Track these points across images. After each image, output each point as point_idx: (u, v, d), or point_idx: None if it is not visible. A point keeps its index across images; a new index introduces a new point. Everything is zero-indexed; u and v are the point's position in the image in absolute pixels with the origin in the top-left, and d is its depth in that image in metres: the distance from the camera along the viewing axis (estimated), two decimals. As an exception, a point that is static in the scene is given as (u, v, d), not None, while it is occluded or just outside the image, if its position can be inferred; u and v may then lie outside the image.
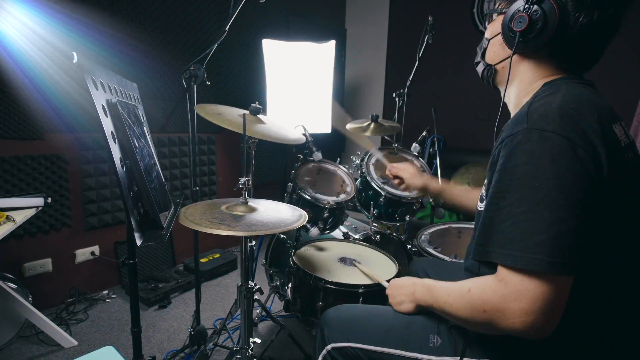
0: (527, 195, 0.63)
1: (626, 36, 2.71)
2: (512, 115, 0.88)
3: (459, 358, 0.79)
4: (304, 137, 1.67)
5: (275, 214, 1.17)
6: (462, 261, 1.24)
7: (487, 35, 0.88)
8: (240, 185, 1.18)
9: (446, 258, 1.48)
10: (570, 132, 0.63)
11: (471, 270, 0.85)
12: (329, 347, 0.93)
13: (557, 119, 0.64)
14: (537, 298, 0.60)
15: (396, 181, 1.47)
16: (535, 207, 0.62)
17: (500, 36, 0.82)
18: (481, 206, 0.83)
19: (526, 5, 0.73)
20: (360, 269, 1.36)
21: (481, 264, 0.70)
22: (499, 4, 0.84)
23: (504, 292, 0.64)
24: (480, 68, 0.91)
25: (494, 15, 0.85)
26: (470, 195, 1.26)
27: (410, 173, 1.40)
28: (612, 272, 0.70)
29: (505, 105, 0.85)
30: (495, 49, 0.86)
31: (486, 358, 0.77)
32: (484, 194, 0.81)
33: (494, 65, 0.87)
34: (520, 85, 0.83)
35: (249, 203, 1.19)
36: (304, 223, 1.14)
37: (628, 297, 0.72)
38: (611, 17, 0.71)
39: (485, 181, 0.81)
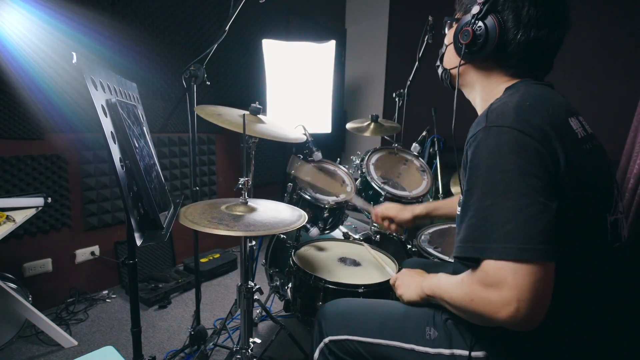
0: (491, 188, 0.65)
1: (626, 36, 2.72)
2: None
3: (454, 350, 0.80)
4: (304, 137, 1.67)
5: (275, 214, 1.17)
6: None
7: (445, 41, 0.93)
8: (240, 186, 1.18)
9: (446, 258, 1.48)
10: (525, 126, 0.66)
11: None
12: (326, 340, 0.94)
13: (512, 115, 0.68)
14: (515, 285, 0.61)
15: (386, 223, 1.39)
16: (500, 198, 0.64)
17: (452, 45, 0.88)
18: (459, 210, 0.84)
19: (472, 20, 0.79)
20: (367, 250, 1.39)
21: (463, 261, 0.71)
22: (457, 13, 0.89)
23: (485, 281, 0.65)
24: (439, 71, 0.97)
25: (453, 23, 0.90)
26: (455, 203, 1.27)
27: (396, 210, 1.34)
28: (584, 265, 0.71)
29: (458, 104, 0.88)
30: (450, 55, 0.91)
31: (482, 351, 0.78)
32: (462, 197, 0.83)
33: (449, 70, 0.92)
34: (484, 90, 0.87)
35: (249, 203, 1.19)
36: (304, 223, 1.14)
37: (602, 287, 0.73)
38: (545, 37, 0.77)
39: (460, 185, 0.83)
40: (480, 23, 0.78)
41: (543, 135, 0.66)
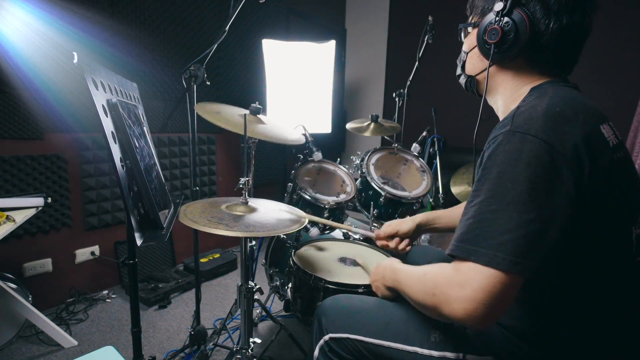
0: (499, 194, 0.64)
1: (626, 36, 2.72)
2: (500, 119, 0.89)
3: (460, 354, 0.79)
4: (304, 137, 1.67)
5: (275, 214, 1.17)
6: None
7: (464, 48, 0.90)
8: (241, 186, 1.18)
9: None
10: (551, 137, 0.63)
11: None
12: (326, 337, 0.93)
13: (540, 123, 0.65)
14: (482, 288, 0.61)
15: (392, 244, 1.25)
16: (506, 207, 0.63)
17: (477, 48, 0.84)
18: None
19: (497, 18, 0.76)
20: (356, 260, 1.38)
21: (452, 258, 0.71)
22: (472, 18, 0.87)
23: (453, 278, 0.65)
24: (462, 80, 0.93)
25: (469, 29, 0.88)
26: (457, 211, 1.20)
27: (395, 225, 1.24)
28: (606, 278, 0.70)
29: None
30: (473, 61, 0.87)
31: (488, 355, 0.77)
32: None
33: (475, 76, 0.89)
34: (506, 92, 0.83)
35: (249, 203, 1.19)
36: (304, 224, 1.14)
37: (625, 301, 0.72)
38: (579, 21, 0.74)
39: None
40: (506, 19, 0.74)
41: (570, 148, 0.63)
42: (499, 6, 0.75)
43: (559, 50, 0.76)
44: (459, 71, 0.93)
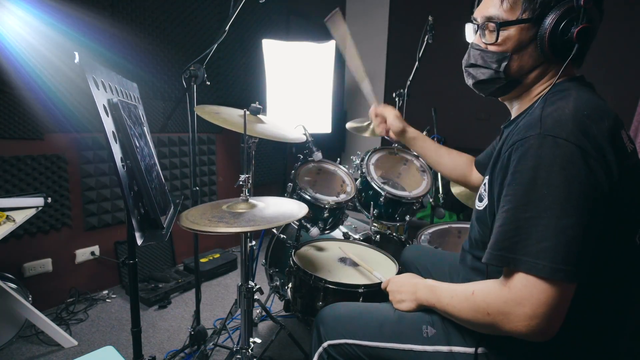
0: (535, 201, 0.63)
1: (626, 36, 2.72)
2: (513, 115, 0.88)
3: (452, 347, 0.81)
4: (304, 137, 1.67)
5: (276, 208, 1.17)
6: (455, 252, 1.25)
7: (504, 48, 0.78)
8: (241, 182, 1.17)
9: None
10: (582, 140, 0.63)
11: (480, 270, 0.85)
12: (325, 344, 0.94)
13: (570, 126, 0.64)
14: (541, 303, 0.61)
15: (377, 121, 1.35)
16: (543, 213, 0.62)
17: (533, 46, 0.76)
18: (479, 205, 0.83)
19: (582, 15, 0.70)
20: (354, 260, 1.38)
21: (489, 266, 0.71)
22: (520, 11, 0.75)
23: (508, 297, 0.65)
24: (494, 84, 0.83)
25: (510, 27, 0.77)
26: (439, 155, 1.28)
27: (393, 115, 1.31)
28: (616, 277, 0.71)
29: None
30: (522, 61, 0.78)
31: (480, 346, 0.78)
32: (483, 193, 0.82)
33: (521, 77, 0.80)
34: (529, 89, 0.82)
35: (250, 200, 1.19)
36: (304, 223, 1.14)
37: (631, 301, 0.72)
38: (602, 13, 0.76)
39: (486, 180, 0.81)
40: (588, 15, 0.71)
41: (600, 151, 0.64)
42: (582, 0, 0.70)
43: (586, 46, 0.76)
44: (490, 75, 0.82)
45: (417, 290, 0.90)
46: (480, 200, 0.83)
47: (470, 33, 0.88)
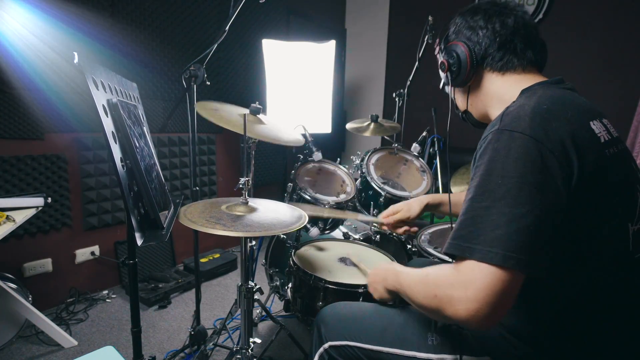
0: (489, 191, 0.65)
1: (626, 36, 2.72)
2: None
3: (458, 356, 0.79)
4: (303, 138, 1.67)
5: (274, 214, 1.17)
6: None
7: (448, 90, 0.96)
8: (241, 186, 1.18)
9: (446, 258, 1.48)
10: (538, 132, 0.64)
11: None
12: (326, 345, 0.93)
13: (527, 120, 0.66)
14: (484, 287, 0.61)
15: (401, 230, 1.31)
16: (496, 202, 0.63)
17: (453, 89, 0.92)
18: None
19: (443, 54, 0.87)
20: (352, 261, 1.37)
21: (449, 257, 0.71)
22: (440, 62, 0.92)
23: (455, 279, 0.65)
24: (467, 118, 0.96)
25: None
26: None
27: (405, 211, 1.27)
28: (604, 276, 0.70)
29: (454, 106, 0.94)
30: (459, 99, 0.95)
31: (485, 356, 0.77)
32: None
33: (467, 109, 0.93)
34: (500, 100, 0.85)
35: (250, 203, 1.19)
36: (304, 224, 1.14)
37: (624, 298, 0.72)
38: (512, 20, 0.81)
39: None
40: (445, 53, 0.86)
41: (558, 143, 0.64)
42: (436, 50, 0.90)
43: (509, 49, 0.81)
44: (457, 111, 0.98)
45: (387, 276, 0.91)
46: None
47: None
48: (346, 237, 1.81)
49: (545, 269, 0.62)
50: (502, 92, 0.83)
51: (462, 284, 0.63)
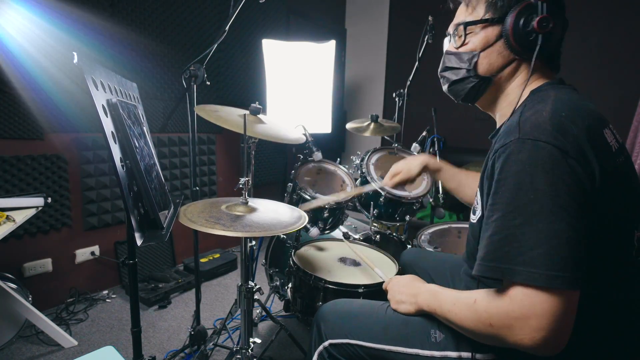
0: (522, 207, 0.62)
1: (626, 36, 2.72)
2: (497, 124, 0.88)
3: (462, 353, 0.79)
4: (304, 137, 1.67)
5: (274, 215, 1.17)
6: (455, 254, 1.23)
7: (472, 47, 0.82)
8: (241, 186, 1.18)
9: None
10: (562, 141, 0.62)
11: (472, 277, 0.84)
12: (326, 343, 0.91)
13: (549, 128, 0.64)
14: (544, 314, 0.59)
15: (401, 186, 1.34)
16: (532, 219, 0.61)
17: (500, 44, 0.79)
18: (473, 218, 0.83)
19: (542, 8, 0.74)
20: (359, 255, 1.37)
21: (484, 280, 0.70)
22: (485, 12, 0.80)
23: (509, 309, 0.63)
24: (466, 85, 0.85)
25: (480, 27, 0.81)
26: (470, 180, 1.19)
27: (405, 169, 1.27)
28: (609, 281, 0.70)
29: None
30: (493, 59, 0.81)
31: (490, 352, 0.77)
32: (476, 206, 0.82)
33: (492, 76, 0.82)
34: (513, 93, 0.83)
35: (249, 203, 1.19)
36: (304, 224, 1.14)
37: (628, 304, 0.72)
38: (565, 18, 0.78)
39: (477, 194, 0.81)
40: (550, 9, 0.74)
41: (580, 152, 0.62)
42: None
43: (560, 45, 0.79)
44: (462, 75, 0.84)
45: (419, 293, 0.87)
46: (474, 212, 0.82)
47: (446, 45, 0.92)
48: (346, 237, 1.81)
49: (582, 280, 0.61)
50: (520, 86, 0.81)
51: (521, 314, 0.61)
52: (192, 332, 1.66)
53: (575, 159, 0.62)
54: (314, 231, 1.66)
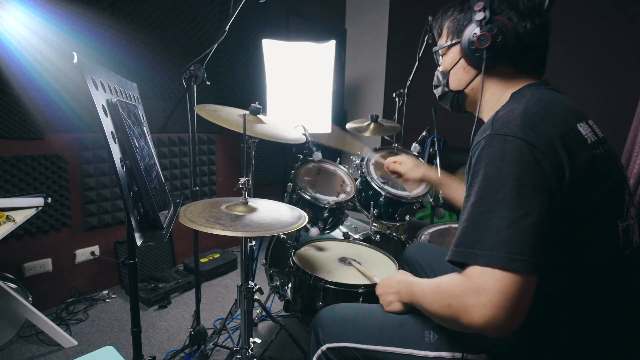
0: (488, 196, 0.66)
1: (626, 36, 2.72)
2: None
3: (455, 354, 0.80)
4: (304, 137, 1.67)
5: (274, 215, 1.17)
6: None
7: (443, 68, 0.94)
8: (241, 185, 1.18)
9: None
10: (529, 136, 0.66)
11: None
12: (323, 347, 0.92)
13: (518, 124, 0.68)
14: (496, 291, 0.61)
15: (394, 176, 1.41)
16: (496, 207, 0.64)
17: (462, 62, 0.88)
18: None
19: (482, 26, 0.80)
20: (355, 267, 1.37)
21: (453, 264, 0.71)
22: (447, 38, 0.91)
23: (466, 287, 0.65)
24: (448, 98, 0.96)
25: (446, 50, 0.93)
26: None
27: (408, 167, 1.35)
28: (595, 273, 0.70)
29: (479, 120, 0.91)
30: (459, 75, 0.91)
31: (483, 353, 0.78)
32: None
33: (463, 89, 0.91)
34: (492, 98, 0.87)
35: (249, 203, 1.19)
36: (303, 224, 1.14)
37: (615, 297, 0.72)
38: (545, 20, 0.80)
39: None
40: (490, 25, 0.79)
41: (548, 146, 0.66)
42: (480, 16, 0.81)
43: (536, 51, 0.82)
44: (441, 90, 0.96)
45: (400, 288, 0.91)
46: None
47: None
48: (346, 237, 1.81)
49: (542, 267, 0.63)
50: (499, 91, 0.85)
51: (474, 291, 0.63)
52: (192, 332, 1.66)
53: (543, 152, 0.65)
54: (314, 231, 1.66)
